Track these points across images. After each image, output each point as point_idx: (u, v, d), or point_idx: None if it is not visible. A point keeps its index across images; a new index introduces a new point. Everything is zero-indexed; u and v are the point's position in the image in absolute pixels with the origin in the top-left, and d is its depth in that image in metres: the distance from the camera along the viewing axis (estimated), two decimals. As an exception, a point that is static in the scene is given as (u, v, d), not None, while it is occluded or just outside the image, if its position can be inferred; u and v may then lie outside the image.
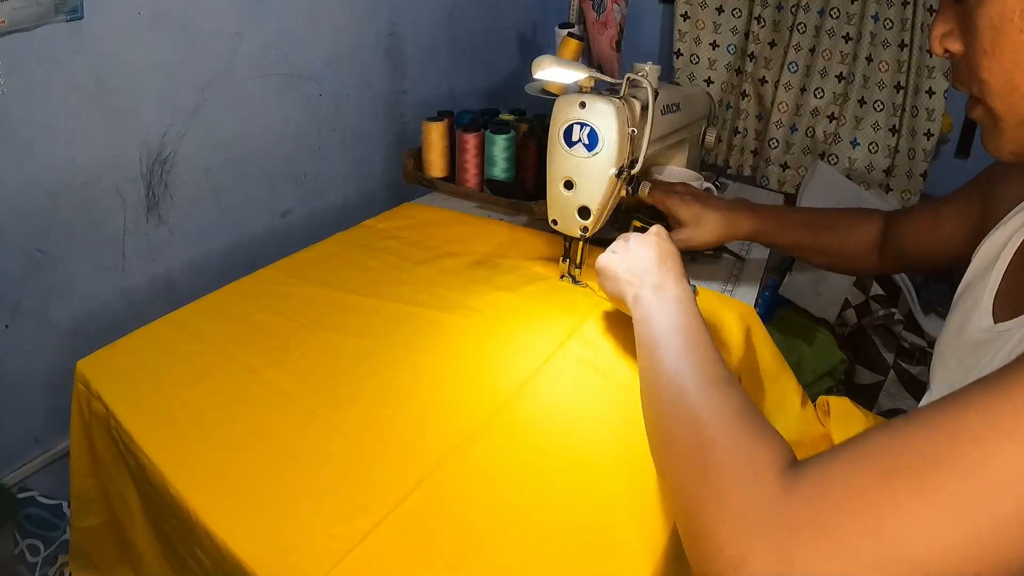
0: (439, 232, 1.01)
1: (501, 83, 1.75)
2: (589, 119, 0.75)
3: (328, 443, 0.59)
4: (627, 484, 0.57)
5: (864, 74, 1.52)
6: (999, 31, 0.44)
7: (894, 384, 1.41)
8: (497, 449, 0.60)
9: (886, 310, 1.40)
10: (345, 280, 0.85)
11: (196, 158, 1.03)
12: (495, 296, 0.84)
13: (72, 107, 0.86)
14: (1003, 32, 0.44)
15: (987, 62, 0.45)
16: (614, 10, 1.43)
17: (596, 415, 0.65)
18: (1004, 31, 0.43)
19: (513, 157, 1.11)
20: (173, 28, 0.94)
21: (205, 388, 0.65)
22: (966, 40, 0.47)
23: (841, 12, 1.50)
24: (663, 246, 0.68)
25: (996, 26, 0.44)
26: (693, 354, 0.53)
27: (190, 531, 0.53)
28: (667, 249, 0.68)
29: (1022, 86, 0.44)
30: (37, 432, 0.96)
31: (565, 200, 0.80)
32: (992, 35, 0.44)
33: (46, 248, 0.88)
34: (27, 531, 0.90)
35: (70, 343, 0.94)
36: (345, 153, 1.32)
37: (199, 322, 0.75)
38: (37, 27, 0.79)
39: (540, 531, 0.52)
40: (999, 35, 0.44)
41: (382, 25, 1.32)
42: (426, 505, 0.53)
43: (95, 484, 0.70)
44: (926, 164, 1.53)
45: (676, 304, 0.60)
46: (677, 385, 0.50)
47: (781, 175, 1.67)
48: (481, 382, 0.69)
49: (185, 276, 1.08)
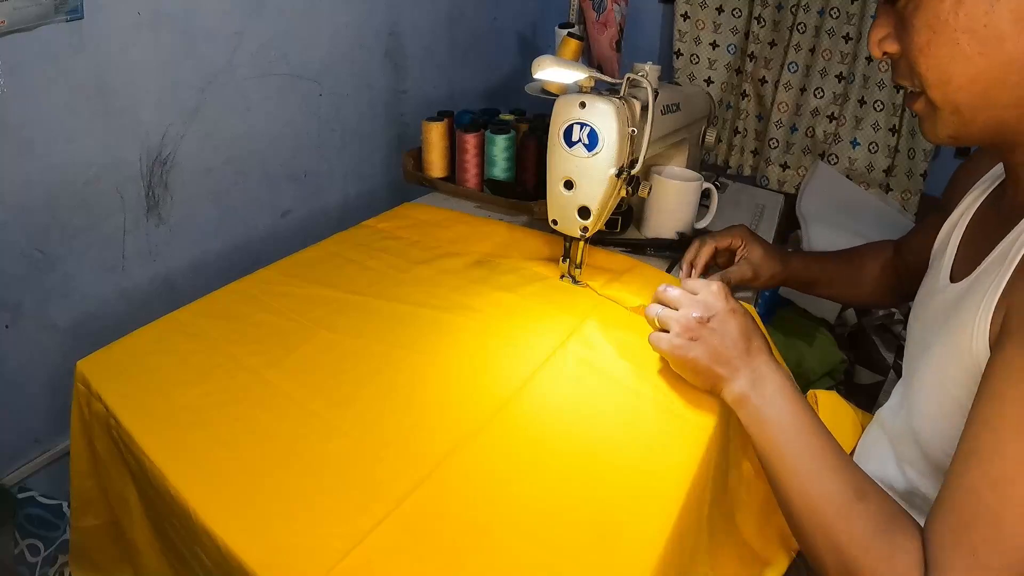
0: (439, 232, 1.01)
1: (501, 83, 1.75)
2: (589, 119, 0.75)
3: (328, 443, 0.59)
4: (628, 484, 0.57)
5: (864, 74, 1.52)
6: (935, 31, 0.49)
7: (894, 384, 1.41)
8: (497, 449, 0.60)
9: (886, 310, 1.40)
10: (345, 280, 0.85)
11: (196, 158, 1.03)
12: (495, 296, 0.84)
13: (72, 107, 0.86)
14: (938, 32, 0.49)
15: (924, 59, 0.51)
16: (614, 10, 1.43)
17: (596, 415, 0.65)
18: (939, 31, 0.49)
19: (513, 157, 1.11)
20: (173, 28, 0.94)
21: (205, 388, 0.65)
22: (903, 41, 0.53)
23: (841, 12, 1.50)
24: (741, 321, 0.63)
25: (932, 26, 0.49)
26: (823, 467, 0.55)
27: (190, 531, 0.53)
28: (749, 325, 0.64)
29: (955, 78, 0.50)
30: (37, 432, 0.96)
31: (565, 200, 0.80)
32: (928, 35, 0.50)
33: (46, 248, 0.88)
34: (27, 531, 0.90)
35: (70, 343, 0.94)
36: (345, 153, 1.32)
37: (199, 322, 0.75)
38: (37, 27, 0.79)
39: (540, 531, 0.52)
40: (935, 35, 0.49)
41: (382, 25, 1.32)
42: (426, 505, 0.53)
43: (95, 484, 0.70)
44: (926, 164, 1.53)
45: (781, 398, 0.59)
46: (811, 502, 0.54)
47: (781, 175, 1.67)
48: (481, 382, 0.69)
49: (185, 276, 1.08)
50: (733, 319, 0.63)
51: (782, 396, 0.59)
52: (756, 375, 0.61)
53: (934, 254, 0.68)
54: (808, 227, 1.41)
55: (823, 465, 0.54)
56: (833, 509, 0.52)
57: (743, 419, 0.60)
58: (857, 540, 0.50)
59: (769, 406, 0.59)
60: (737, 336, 0.62)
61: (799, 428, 0.57)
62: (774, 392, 0.59)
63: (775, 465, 0.57)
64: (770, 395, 0.59)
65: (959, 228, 0.65)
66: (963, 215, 0.65)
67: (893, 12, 0.53)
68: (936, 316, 0.61)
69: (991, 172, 0.65)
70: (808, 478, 0.54)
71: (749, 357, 0.62)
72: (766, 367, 0.61)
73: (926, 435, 0.60)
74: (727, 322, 0.63)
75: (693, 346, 0.62)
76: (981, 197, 0.64)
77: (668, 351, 0.64)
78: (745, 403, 0.60)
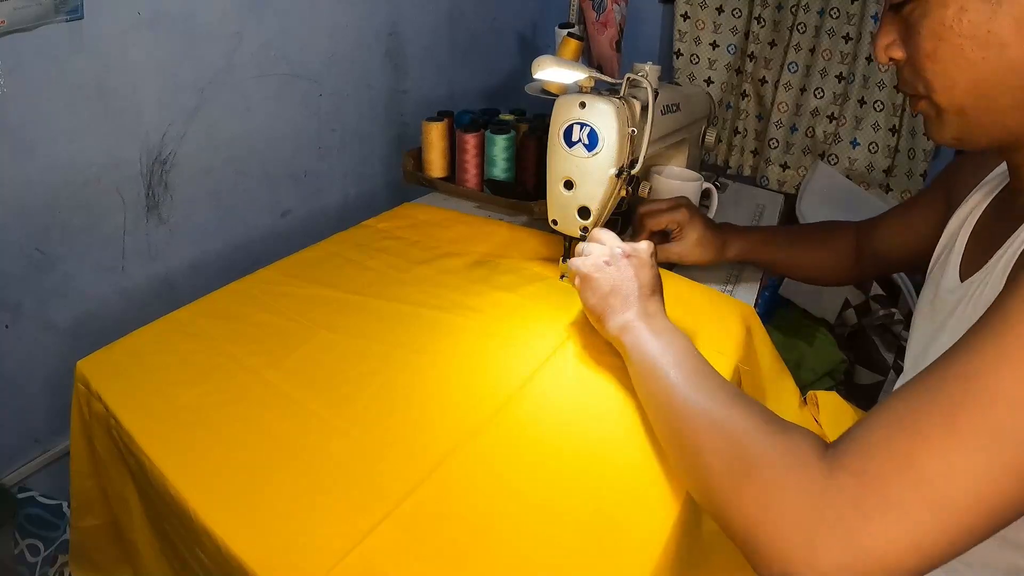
0: (439, 232, 1.01)
1: (501, 83, 1.75)
2: (589, 119, 0.75)
3: (328, 443, 0.59)
4: (628, 483, 0.57)
5: (864, 74, 1.52)
6: (940, 38, 0.51)
7: (894, 384, 1.41)
8: (497, 449, 0.60)
9: (886, 310, 1.40)
10: (345, 280, 0.85)
11: (196, 158, 1.03)
12: (495, 296, 0.84)
13: (72, 107, 0.86)
14: (944, 38, 0.51)
15: (930, 64, 0.52)
16: (614, 10, 1.43)
17: (596, 415, 0.65)
18: (945, 37, 0.50)
19: (513, 157, 1.11)
20: (173, 28, 0.94)
21: (205, 388, 0.65)
22: (908, 47, 0.54)
23: (841, 12, 1.50)
24: (653, 272, 0.69)
25: (938, 34, 0.51)
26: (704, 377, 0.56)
27: (190, 531, 0.53)
28: (656, 276, 0.69)
29: (960, 82, 0.51)
30: (37, 432, 0.96)
31: (565, 200, 0.80)
32: (934, 42, 0.51)
33: (46, 248, 0.89)
34: (27, 531, 0.90)
35: (70, 343, 0.94)
36: (345, 153, 1.32)
37: (199, 322, 0.75)
38: (37, 27, 0.79)
39: (540, 531, 0.52)
40: (940, 41, 0.51)
41: (382, 25, 1.32)
42: (426, 504, 0.53)
43: (95, 484, 0.70)
44: (926, 164, 1.53)
45: (671, 333, 0.62)
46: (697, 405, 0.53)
47: (781, 175, 1.67)
48: (481, 382, 0.69)
49: (185, 276, 1.08)
50: (646, 269, 0.68)
51: (669, 331, 0.62)
52: (647, 313, 0.64)
53: (941, 250, 0.69)
54: (808, 227, 1.41)
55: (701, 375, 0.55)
56: (717, 402, 0.52)
57: (625, 344, 0.63)
58: (747, 423, 0.48)
59: (655, 334, 0.61)
60: (644, 282, 0.67)
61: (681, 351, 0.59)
62: (664, 327, 0.63)
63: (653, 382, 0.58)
64: (658, 328, 0.62)
65: (968, 225, 0.65)
66: (972, 212, 0.66)
67: (898, 19, 0.55)
68: (945, 313, 0.61)
69: (998, 169, 0.66)
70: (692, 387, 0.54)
71: (645, 300, 0.66)
72: (659, 312, 0.65)
73: None
74: (641, 268, 0.67)
75: (604, 270, 0.67)
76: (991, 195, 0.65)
77: (579, 265, 0.69)
78: (630, 329, 0.63)
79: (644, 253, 0.70)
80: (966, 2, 0.49)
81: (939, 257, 0.68)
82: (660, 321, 0.64)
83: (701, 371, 0.56)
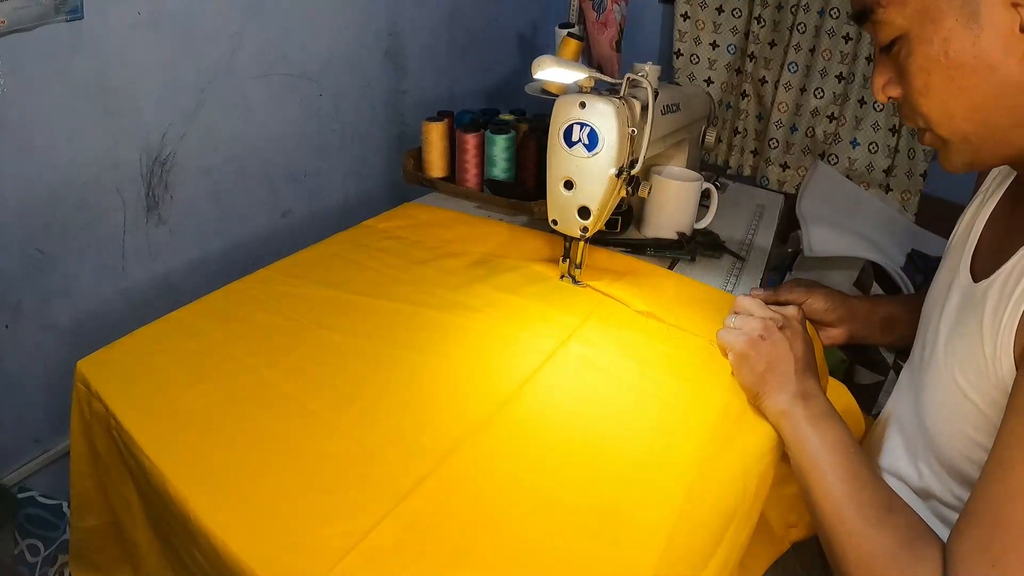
0: (439, 232, 1.01)
1: (501, 83, 1.75)
2: (589, 119, 0.75)
3: (328, 443, 0.59)
4: (628, 482, 0.57)
5: (864, 74, 1.52)
6: (929, 72, 0.52)
7: (894, 384, 1.41)
8: (497, 449, 0.60)
9: (886, 310, 1.39)
10: (345, 280, 0.85)
11: (196, 158, 1.03)
12: (495, 296, 0.84)
13: (72, 107, 0.86)
14: (933, 72, 0.52)
15: (924, 100, 0.54)
16: (614, 10, 1.43)
17: (597, 415, 0.65)
18: (933, 71, 0.52)
19: (513, 157, 1.11)
20: (173, 28, 0.95)
21: (205, 388, 0.65)
22: (903, 85, 0.56)
23: (841, 12, 1.50)
24: (806, 340, 0.68)
25: (926, 68, 0.52)
26: (859, 487, 0.57)
27: (190, 531, 0.53)
28: (809, 344, 0.68)
29: (957, 113, 0.53)
30: (37, 432, 0.96)
31: (565, 200, 0.80)
32: (924, 77, 0.53)
33: (46, 248, 0.89)
34: (27, 531, 0.91)
35: (70, 343, 0.94)
36: (345, 153, 1.32)
37: (199, 322, 0.75)
38: (37, 27, 0.79)
39: (541, 530, 0.52)
40: (930, 75, 0.52)
41: (382, 25, 1.32)
42: (426, 504, 0.53)
43: (95, 484, 0.70)
44: (926, 164, 1.53)
45: (828, 419, 0.62)
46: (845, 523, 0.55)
47: (781, 175, 1.67)
48: (481, 382, 0.69)
49: (185, 276, 1.08)
50: (799, 341, 0.67)
51: (826, 416, 0.62)
52: (805, 393, 0.63)
53: (952, 245, 0.69)
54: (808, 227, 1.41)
55: (857, 481, 0.57)
56: (863, 522, 0.54)
57: (785, 431, 0.63)
58: (884, 550, 0.52)
59: (813, 423, 0.61)
60: (799, 356, 0.66)
61: (839, 447, 0.59)
62: (820, 412, 0.62)
63: (812, 479, 0.59)
64: (816, 414, 0.62)
65: (980, 221, 0.65)
66: (983, 207, 0.65)
67: (889, 59, 0.56)
68: (956, 312, 0.61)
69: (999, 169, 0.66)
70: (843, 492, 0.56)
71: (801, 376, 0.65)
72: (815, 389, 0.64)
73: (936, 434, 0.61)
74: (795, 340, 0.67)
75: (759, 346, 0.66)
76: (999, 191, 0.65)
77: (732, 342, 0.68)
78: (790, 416, 0.62)
79: (796, 322, 0.69)
80: (948, 32, 0.50)
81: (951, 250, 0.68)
82: (817, 404, 0.63)
83: (857, 478, 0.57)
